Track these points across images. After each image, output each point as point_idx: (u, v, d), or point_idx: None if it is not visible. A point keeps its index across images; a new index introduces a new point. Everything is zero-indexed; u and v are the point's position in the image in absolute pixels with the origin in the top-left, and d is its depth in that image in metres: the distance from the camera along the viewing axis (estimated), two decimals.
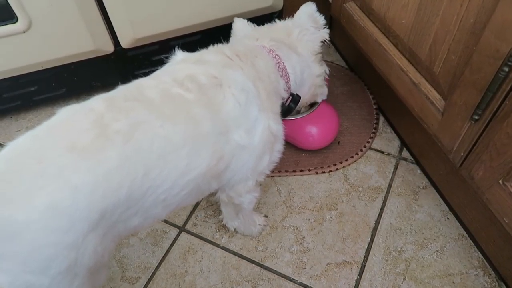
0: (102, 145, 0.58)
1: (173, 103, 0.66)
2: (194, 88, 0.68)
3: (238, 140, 0.71)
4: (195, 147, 0.66)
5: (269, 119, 0.75)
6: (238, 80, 0.72)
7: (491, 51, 0.64)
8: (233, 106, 0.70)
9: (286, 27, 0.93)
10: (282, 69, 0.84)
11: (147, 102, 0.64)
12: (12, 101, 1.24)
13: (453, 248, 0.97)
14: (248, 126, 0.72)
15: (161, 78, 0.71)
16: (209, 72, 0.71)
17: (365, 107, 1.25)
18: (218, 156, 0.69)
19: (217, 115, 0.69)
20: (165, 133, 0.63)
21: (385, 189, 1.08)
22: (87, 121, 0.60)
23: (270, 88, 0.79)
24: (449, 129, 0.81)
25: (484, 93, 0.68)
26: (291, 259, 0.97)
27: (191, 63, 0.75)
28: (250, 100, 0.72)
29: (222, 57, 0.76)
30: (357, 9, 1.04)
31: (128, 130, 0.60)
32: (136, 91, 0.67)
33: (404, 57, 0.92)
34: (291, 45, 0.89)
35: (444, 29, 0.75)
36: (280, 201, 1.07)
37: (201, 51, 0.81)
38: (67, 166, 0.55)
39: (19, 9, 1.00)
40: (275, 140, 0.79)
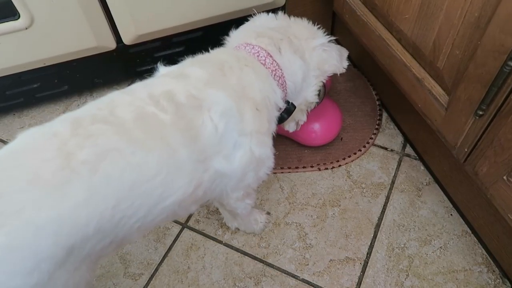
0: (67, 177, 0.54)
1: (146, 125, 0.61)
2: (171, 109, 0.62)
3: (217, 167, 0.67)
4: (170, 175, 0.61)
5: (251, 143, 0.70)
6: (219, 101, 0.67)
7: (495, 45, 0.64)
8: (211, 132, 0.65)
9: (312, 30, 0.86)
10: (278, 77, 0.77)
11: (117, 125, 0.59)
12: (14, 98, 1.24)
13: (457, 245, 0.96)
14: (227, 152, 0.68)
15: (136, 94, 0.65)
16: (188, 90, 0.66)
17: (368, 103, 1.24)
18: (196, 184, 0.65)
19: (195, 141, 0.64)
20: (136, 161, 0.58)
21: (388, 185, 1.08)
22: (51, 148, 0.55)
23: (259, 104, 0.72)
24: (453, 125, 0.80)
25: (489, 88, 0.67)
26: (294, 255, 0.97)
27: (171, 77, 0.70)
28: (230, 125, 0.67)
29: (205, 72, 0.70)
30: (360, 4, 1.04)
31: (95, 160, 0.55)
32: (106, 109, 0.61)
33: (408, 52, 0.91)
34: (299, 48, 0.82)
35: (448, 24, 0.74)
36: (282, 198, 1.07)
37: (184, 63, 0.75)
38: (28, 202, 0.51)
39: (21, 5, 1.00)
40: (258, 162, 0.74)
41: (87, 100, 1.33)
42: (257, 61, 0.75)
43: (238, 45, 0.79)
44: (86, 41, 1.13)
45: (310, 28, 0.87)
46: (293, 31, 0.84)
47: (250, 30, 0.82)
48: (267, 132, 0.75)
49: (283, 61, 0.78)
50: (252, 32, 0.81)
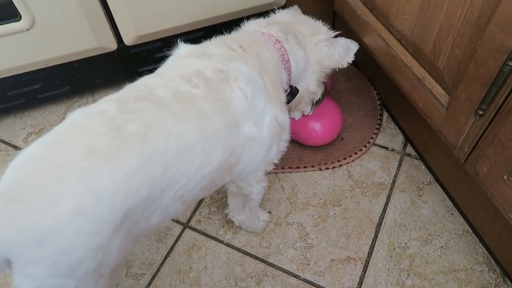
0: (120, 147, 0.58)
1: (183, 101, 0.66)
2: (202, 84, 0.68)
3: (248, 132, 0.72)
4: (208, 144, 0.67)
5: (275, 109, 0.75)
6: (244, 72, 0.72)
7: (496, 45, 0.64)
8: (241, 99, 0.70)
9: (316, 27, 0.93)
10: (286, 61, 0.83)
11: (158, 102, 0.65)
12: (16, 99, 1.24)
13: (458, 244, 0.97)
14: (256, 118, 0.73)
15: (167, 76, 0.71)
16: (214, 65, 0.71)
17: (368, 103, 1.25)
18: (230, 150, 0.70)
19: (226, 109, 0.69)
20: (179, 132, 0.63)
21: (389, 185, 1.08)
22: (101, 124, 0.60)
23: (275, 78, 0.79)
24: (453, 125, 0.80)
25: (489, 88, 0.67)
26: (295, 255, 0.97)
27: (196, 57, 0.75)
28: (257, 91, 0.72)
29: (226, 49, 0.76)
30: (360, 4, 1.04)
31: (143, 131, 0.60)
32: (145, 90, 0.67)
33: (408, 52, 0.91)
34: (302, 42, 0.88)
35: (448, 24, 0.74)
36: (283, 198, 1.07)
37: (204, 44, 0.80)
38: (88, 171, 0.56)
39: (22, 7, 1.00)
40: (282, 130, 0.80)
41: (88, 100, 1.34)
42: (271, 43, 0.82)
43: (250, 32, 0.86)
44: (87, 42, 1.13)
45: (315, 25, 0.93)
46: (297, 27, 0.90)
47: (261, 20, 0.89)
48: (284, 103, 0.82)
49: (289, 48, 0.84)
50: (262, 21, 0.88)
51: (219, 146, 0.68)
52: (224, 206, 1.05)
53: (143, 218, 0.62)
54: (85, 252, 0.56)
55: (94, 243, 0.56)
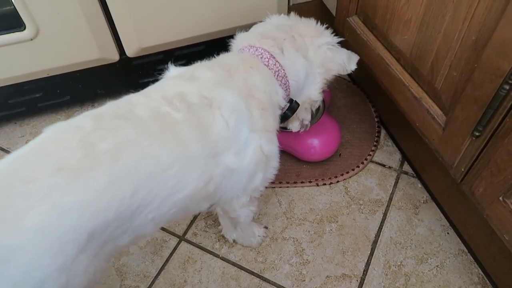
0: (90, 165, 0.57)
1: (161, 122, 0.65)
2: (183, 108, 0.66)
3: (228, 163, 0.70)
4: (183, 168, 0.65)
5: (261, 139, 0.74)
6: (228, 100, 0.70)
7: (492, 68, 0.65)
8: (222, 128, 0.68)
9: (319, 29, 0.89)
10: (282, 77, 0.81)
11: (135, 121, 0.64)
12: (16, 107, 1.25)
13: (453, 264, 0.97)
14: (238, 148, 0.71)
15: (151, 95, 0.69)
16: (199, 90, 0.70)
17: (367, 120, 1.26)
18: (207, 178, 0.68)
19: (206, 137, 0.67)
20: (153, 153, 0.62)
21: (386, 202, 1.08)
22: (74, 140, 0.59)
23: (265, 104, 0.76)
24: (450, 144, 0.81)
25: (485, 110, 0.68)
26: (291, 271, 0.97)
27: (182, 79, 0.74)
28: (240, 121, 0.70)
29: (214, 74, 0.74)
30: (360, 23, 1.05)
31: (116, 150, 0.59)
32: (125, 108, 0.66)
33: (406, 72, 0.92)
34: (301, 46, 0.84)
35: (446, 46, 0.76)
36: (280, 212, 1.07)
37: (194, 65, 0.78)
38: (55, 187, 0.55)
39: (27, 17, 1.02)
40: (267, 160, 0.77)
41: (88, 110, 1.34)
42: (261, 62, 0.79)
43: (242, 47, 0.83)
44: (90, 53, 1.14)
45: (318, 27, 0.90)
46: (299, 29, 0.86)
47: (255, 32, 0.86)
48: (273, 131, 0.79)
49: (285, 62, 0.81)
50: (256, 34, 0.84)
51: (195, 173, 0.66)
52: None
53: (112, 238, 0.60)
54: (47, 273, 0.53)
55: (57, 264, 0.54)
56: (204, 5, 1.13)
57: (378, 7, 0.94)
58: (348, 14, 1.08)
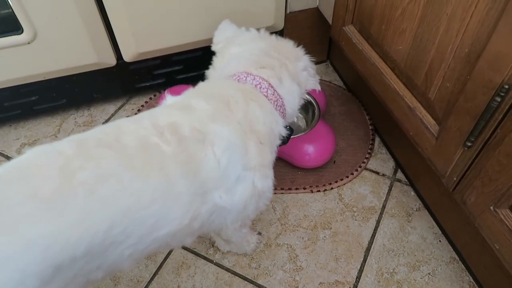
0: (64, 196, 0.54)
1: (148, 155, 0.61)
2: (174, 141, 0.63)
3: (218, 202, 0.67)
4: (166, 205, 0.61)
5: (254, 176, 0.71)
6: (223, 137, 0.67)
7: (484, 80, 0.66)
8: (213, 166, 0.65)
9: (296, 52, 0.87)
10: (280, 106, 0.79)
11: (120, 151, 0.61)
12: (12, 110, 1.25)
13: (445, 272, 0.98)
14: (229, 185, 0.68)
15: (141, 122, 0.66)
16: (193, 123, 0.66)
17: (361, 128, 1.27)
18: (192, 216, 0.65)
19: (195, 174, 0.64)
20: (133, 188, 0.59)
21: (379, 209, 1.09)
22: (53, 167, 0.56)
23: (265, 137, 0.73)
24: (443, 154, 0.82)
25: (477, 121, 0.70)
26: (284, 277, 0.97)
27: (177, 108, 0.70)
28: (233, 160, 0.67)
29: (211, 107, 0.69)
30: (356, 32, 1.07)
31: (94, 182, 0.56)
32: (112, 134, 0.63)
33: (401, 82, 0.94)
34: (294, 73, 0.82)
35: (439, 57, 0.77)
36: (274, 219, 1.08)
37: (190, 93, 0.75)
38: (24, 217, 0.52)
39: (25, 20, 1.02)
40: (259, 196, 0.74)
41: (84, 114, 1.34)
42: (261, 94, 0.76)
43: (238, 73, 0.78)
44: (87, 57, 1.14)
45: (294, 49, 0.87)
46: (283, 52, 0.84)
47: (249, 59, 0.81)
48: (269, 165, 0.76)
49: (284, 91, 0.79)
50: (251, 61, 0.80)
51: (178, 210, 0.63)
52: None
53: (83, 273, 0.57)
54: None
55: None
56: (201, 11, 1.14)
57: (374, 17, 0.96)
58: (344, 23, 1.09)
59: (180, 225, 0.64)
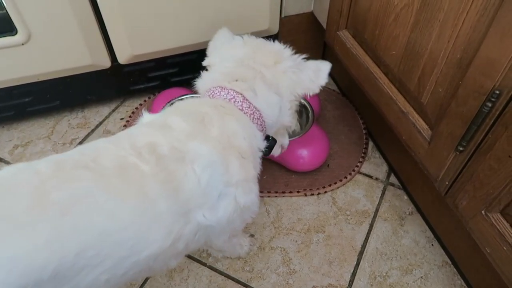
0: (35, 216, 0.53)
1: (126, 175, 0.60)
2: (152, 160, 0.61)
3: (201, 221, 0.65)
4: (145, 227, 0.59)
5: (237, 191, 0.69)
6: (203, 154, 0.65)
7: (476, 86, 0.67)
8: (194, 185, 0.63)
9: (277, 53, 0.81)
10: (257, 119, 0.76)
11: (97, 172, 0.59)
12: (5, 111, 1.24)
13: (437, 275, 0.98)
14: (211, 203, 0.66)
15: (119, 143, 0.65)
16: (171, 142, 0.65)
17: (355, 132, 1.28)
18: (175, 237, 0.63)
19: (175, 193, 0.62)
20: (109, 210, 0.57)
21: (372, 213, 1.10)
22: (28, 185, 0.55)
23: (246, 151, 0.71)
24: (435, 158, 0.83)
25: (469, 126, 0.70)
26: (277, 280, 0.98)
27: (155, 128, 0.69)
28: (214, 177, 0.65)
29: (187, 125, 0.68)
30: (350, 37, 1.08)
31: (68, 203, 0.54)
32: (90, 156, 0.61)
33: (394, 86, 0.94)
34: (272, 82, 0.78)
35: (432, 63, 0.78)
36: (268, 222, 1.08)
37: (167, 111, 0.74)
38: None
39: (19, 21, 1.02)
40: (242, 211, 0.72)
41: (78, 116, 1.34)
42: (235, 108, 0.74)
43: (212, 88, 0.77)
44: (81, 59, 1.14)
45: (276, 50, 0.82)
46: (260, 59, 0.79)
47: (223, 73, 0.79)
48: (253, 179, 0.73)
49: (259, 103, 0.76)
50: (224, 74, 0.78)
51: (160, 232, 0.61)
52: None
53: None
54: None
55: None
56: (196, 14, 1.14)
57: (368, 22, 0.97)
58: (339, 28, 1.10)
59: (162, 247, 0.61)
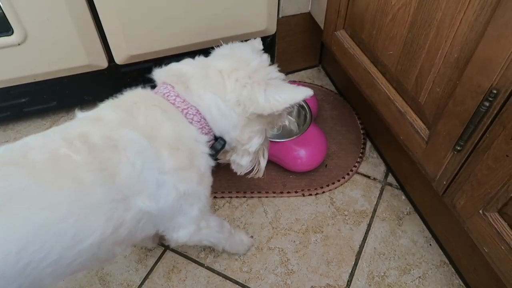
0: None
1: (58, 166, 0.59)
2: (84, 149, 0.61)
3: (142, 206, 0.65)
4: (85, 215, 0.59)
5: (173, 179, 0.68)
6: (134, 140, 0.65)
7: (473, 85, 0.67)
8: (129, 171, 0.63)
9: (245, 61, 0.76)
10: (193, 115, 0.73)
11: (27, 167, 0.58)
12: (1, 112, 1.23)
13: (435, 275, 0.98)
14: (150, 191, 0.66)
15: (50, 136, 0.64)
16: (103, 131, 0.65)
17: (353, 132, 1.28)
18: (116, 224, 0.63)
19: (112, 180, 0.62)
20: (46, 203, 0.56)
21: (370, 213, 1.10)
22: None
23: (175, 143, 0.70)
24: (433, 158, 0.83)
25: (466, 125, 0.71)
26: (275, 281, 0.97)
27: (86, 120, 0.69)
28: (147, 163, 0.65)
29: (117, 114, 0.68)
30: (347, 37, 1.08)
31: (1, 201, 0.53)
32: (19, 152, 0.60)
33: (392, 86, 0.94)
34: (212, 84, 0.75)
35: (429, 62, 0.78)
36: (266, 222, 1.08)
37: (100, 106, 0.74)
38: None
39: (15, 21, 1.01)
40: (187, 199, 0.72)
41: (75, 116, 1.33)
42: (164, 100, 0.73)
43: (159, 84, 0.78)
44: (78, 59, 1.14)
45: (245, 58, 0.77)
46: (220, 64, 0.76)
47: (168, 69, 0.79)
48: (190, 168, 0.72)
49: (193, 99, 0.74)
50: (167, 70, 0.78)
51: (99, 219, 0.61)
52: None
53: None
54: None
55: None
56: (193, 15, 1.14)
57: (365, 22, 0.97)
58: (336, 28, 1.10)
59: (104, 234, 0.61)
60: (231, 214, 1.09)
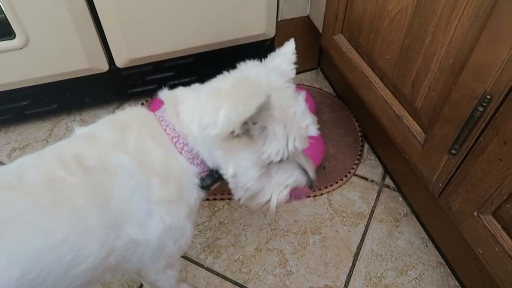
0: None
1: (54, 190, 0.58)
2: (79, 172, 0.59)
3: (131, 235, 0.63)
4: (80, 241, 0.58)
5: (161, 210, 0.65)
6: (125, 165, 0.63)
7: (468, 90, 0.69)
8: (121, 196, 0.61)
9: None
10: (182, 144, 0.67)
11: (23, 190, 0.56)
12: (3, 114, 1.24)
13: (431, 276, 1.00)
14: (140, 219, 0.63)
15: (45, 158, 0.62)
16: (96, 153, 0.63)
17: (350, 134, 1.29)
18: (107, 251, 0.61)
19: (105, 205, 0.60)
20: (43, 227, 0.55)
21: (368, 215, 1.11)
22: None
23: (162, 171, 0.66)
24: (429, 161, 0.85)
25: (461, 129, 0.72)
26: (274, 282, 0.99)
27: (82, 139, 0.67)
28: (137, 190, 0.63)
29: (110, 135, 0.66)
30: (345, 41, 1.09)
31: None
32: (14, 174, 0.59)
33: (389, 90, 0.96)
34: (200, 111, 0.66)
35: (425, 67, 0.80)
36: (265, 224, 1.09)
37: (98, 123, 0.70)
38: None
39: (17, 25, 1.02)
40: (173, 233, 0.68)
41: (76, 118, 1.34)
42: (157, 124, 0.68)
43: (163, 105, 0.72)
44: (79, 63, 1.15)
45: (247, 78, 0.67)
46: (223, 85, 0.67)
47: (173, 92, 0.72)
48: (178, 201, 0.67)
49: (182, 128, 0.67)
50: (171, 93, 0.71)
51: (93, 245, 0.59)
52: (206, 230, 1.07)
53: None
54: None
55: None
56: (193, 19, 1.15)
57: (363, 27, 0.98)
58: (334, 32, 1.11)
59: (97, 260, 0.60)
60: (230, 216, 1.11)
